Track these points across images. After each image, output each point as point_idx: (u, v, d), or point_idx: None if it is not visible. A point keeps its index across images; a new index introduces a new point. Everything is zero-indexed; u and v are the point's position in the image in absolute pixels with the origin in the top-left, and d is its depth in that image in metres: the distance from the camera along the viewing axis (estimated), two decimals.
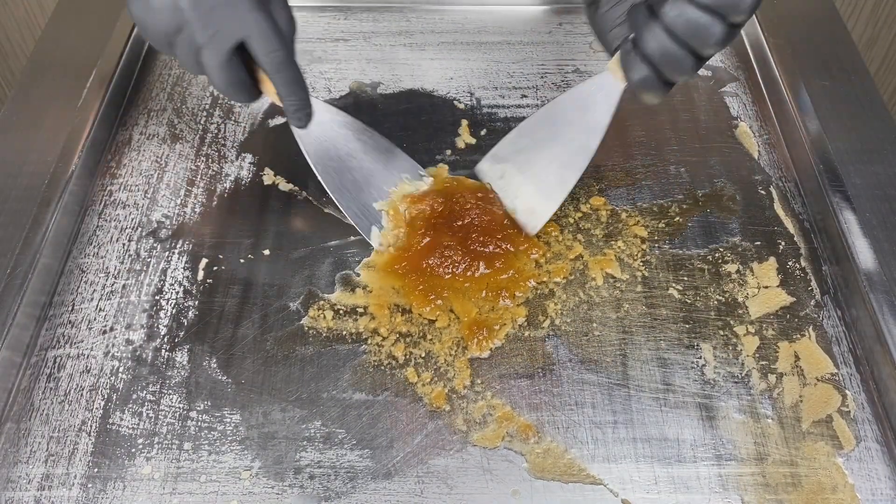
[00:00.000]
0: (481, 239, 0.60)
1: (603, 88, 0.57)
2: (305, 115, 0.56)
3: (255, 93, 0.55)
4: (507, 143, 0.64)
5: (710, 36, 0.49)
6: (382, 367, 0.56)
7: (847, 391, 0.55)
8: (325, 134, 0.61)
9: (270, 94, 0.55)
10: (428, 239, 0.60)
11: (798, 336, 0.57)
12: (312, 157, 0.60)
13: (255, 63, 0.53)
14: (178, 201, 0.65)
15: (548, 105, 0.62)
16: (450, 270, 0.59)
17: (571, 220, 0.64)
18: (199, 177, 0.67)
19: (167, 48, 0.52)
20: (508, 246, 0.60)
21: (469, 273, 0.59)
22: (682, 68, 0.51)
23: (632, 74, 0.53)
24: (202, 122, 0.72)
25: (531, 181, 0.62)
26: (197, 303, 0.59)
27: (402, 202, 0.63)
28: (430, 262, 0.60)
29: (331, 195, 0.61)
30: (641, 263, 0.61)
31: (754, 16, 0.78)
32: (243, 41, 0.50)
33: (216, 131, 0.71)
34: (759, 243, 0.63)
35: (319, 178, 0.60)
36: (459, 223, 0.61)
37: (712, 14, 0.48)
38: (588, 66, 0.77)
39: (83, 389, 0.55)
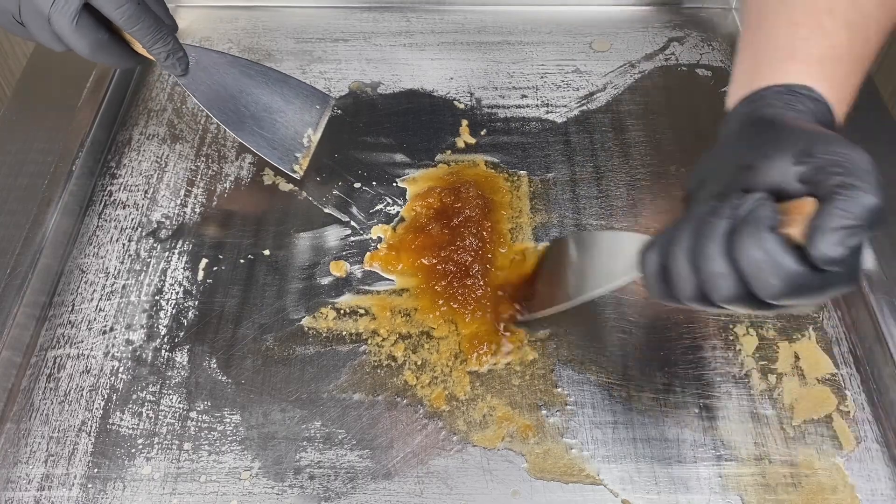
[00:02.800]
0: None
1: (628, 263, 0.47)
2: (179, 62, 0.56)
3: (129, 53, 0.54)
4: (572, 238, 0.58)
5: (722, 289, 0.38)
6: (382, 368, 0.56)
7: (847, 391, 0.55)
8: (212, 77, 0.59)
9: (142, 51, 0.55)
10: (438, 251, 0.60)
11: (798, 336, 0.57)
12: (204, 102, 0.59)
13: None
14: (178, 201, 0.65)
15: (583, 234, 0.59)
16: (462, 294, 0.58)
17: None
18: (199, 177, 0.67)
19: (19, 28, 0.51)
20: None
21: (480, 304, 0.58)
22: (690, 295, 0.40)
23: (643, 264, 0.43)
24: (202, 122, 0.72)
25: (545, 285, 0.58)
26: (197, 303, 0.59)
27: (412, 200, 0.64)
28: (444, 274, 0.59)
29: (234, 135, 0.60)
30: None
31: None
32: (87, 1, 0.49)
33: (216, 131, 0.71)
34: None
35: (217, 120, 0.59)
36: (459, 219, 0.62)
37: (735, 270, 0.38)
38: (588, 66, 0.77)
39: (83, 390, 0.55)
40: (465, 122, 0.72)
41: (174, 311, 0.59)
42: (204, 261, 0.62)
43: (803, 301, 0.37)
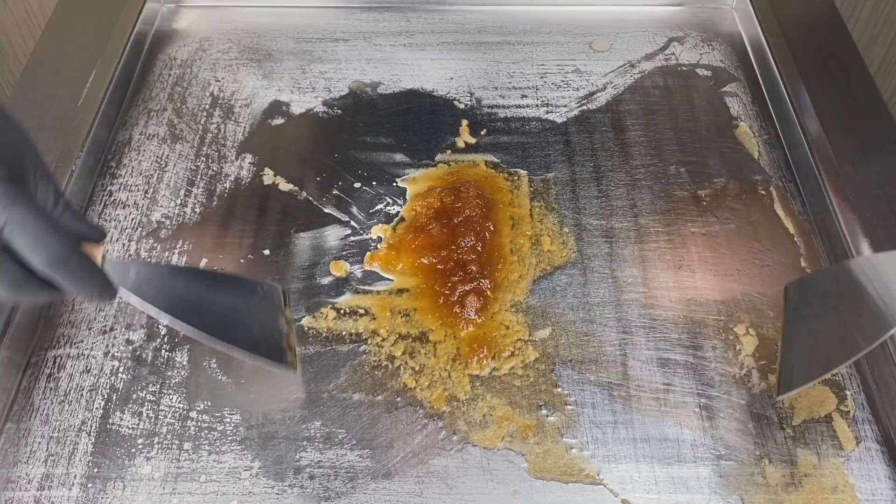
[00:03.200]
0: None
1: None
2: (107, 299, 0.44)
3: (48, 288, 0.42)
4: (821, 279, 0.53)
5: None
6: (382, 368, 0.56)
7: (847, 391, 0.55)
8: (162, 289, 0.46)
9: None
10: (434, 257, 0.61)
11: None
12: (170, 313, 0.46)
13: None
14: (178, 201, 0.65)
15: (857, 261, 0.52)
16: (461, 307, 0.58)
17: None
18: (199, 177, 0.67)
19: None
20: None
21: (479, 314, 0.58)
22: None
23: None
24: (202, 122, 0.72)
25: (803, 342, 0.50)
26: None
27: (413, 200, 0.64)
28: (444, 275, 0.59)
29: (216, 346, 0.48)
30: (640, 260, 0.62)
31: (754, 16, 0.78)
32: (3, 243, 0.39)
33: (216, 131, 0.71)
34: (758, 244, 0.63)
35: (192, 333, 0.47)
36: (459, 219, 0.62)
37: None
38: (588, 66, 0.77)
39: (83, 389, 0.55)
40: (465, 122, 0.72)
41: None
42: (204, 261, 0.62)
43: None
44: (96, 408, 0.54)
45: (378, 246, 0.62)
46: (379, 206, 0.65)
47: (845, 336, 0.47)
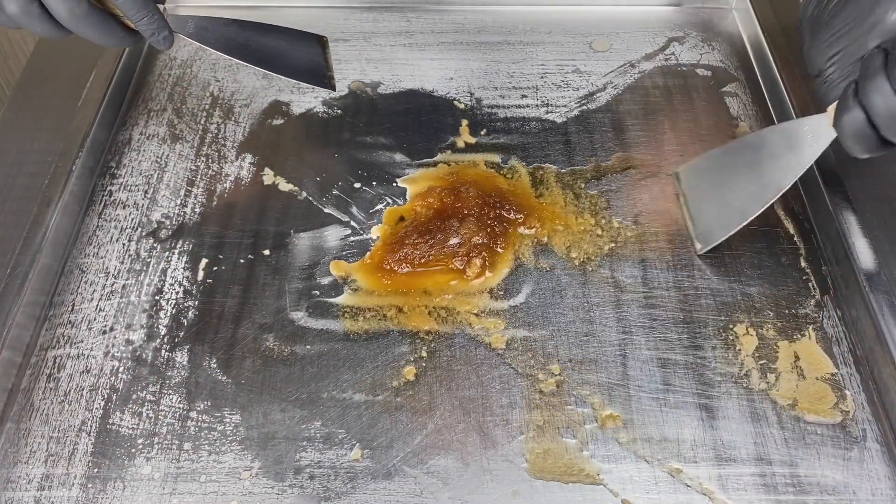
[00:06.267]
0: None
1: (814, 131, 0.55)
2: (164, 39, 0.56)
3: (112, 27, 0.54)
4: (709, 158, 0.64)
5: None
6: (382, 368, 0.56)
7: (847, 391, 0.55)
8: (216, 34, 0.60)
9: (129, 23, 0.55)
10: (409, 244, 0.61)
11: (798, 336, 0.57)
12: (223, 51, 0.60)
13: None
14: (178, 201, 0.66)
15: (757, 133, 0.61)
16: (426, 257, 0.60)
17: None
18: (199, 177, 0.67)
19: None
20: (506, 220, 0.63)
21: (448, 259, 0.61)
22: None
23: (846, 127, 0.50)
24: (202, 122, 0.72)
25: (716, 203, 0.61)
26: (197, 303, 0.59)
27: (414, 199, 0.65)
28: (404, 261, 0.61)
29: (263, 69, 0.62)
30: (640, 261, 0.62)
31: (754, 16, 0.78)
32: None
33: (216, 131, 0.71)
34: (758, 244, 0.63)
35: (243, 62, 0.61)
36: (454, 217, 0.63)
37: None
38: (588, 67, 0.77)
39: (83, 389, 0.55)
40: (465, 122, 0.72)
41: (174, 311, 0.59)
42: (204, 261, 0.62)
43: None
44: (96, 408, 0.54)
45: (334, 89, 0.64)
46: (379, 207, 0.65)
47: (745, 199, 0.58)
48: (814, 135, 0.55)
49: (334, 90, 0.64)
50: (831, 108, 0.53)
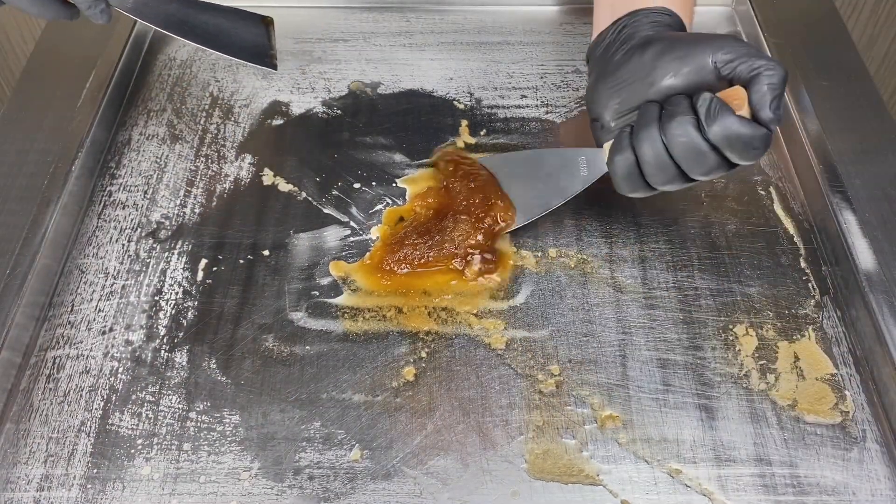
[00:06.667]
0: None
1: (590, 163, 0.60)
2: (101, 13, 0.57)
3: (54, 2, 0.55)
4: (505, 158, 0.67)
5: (704, 166, 0.51)
6: (382, 368, 0.56)
7: (847, 391, 0.55)
8: (157, 9, 0.61)
9: None
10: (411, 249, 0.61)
11: (798, 336, 0.57)
12: (162, 27, 0.60)
13: None
14: (178, 202, 0.65)
15: (538, 150, 0.67)
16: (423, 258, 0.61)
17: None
18: (198, 177, 0.67)
19: None
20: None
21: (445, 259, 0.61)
22: (668, 180, 0.53)
23: (617, 167, 0.54)
24: (202, 122, 0.72)
25: (523, 190, 0.63)
26: (196, 303, 0.59)
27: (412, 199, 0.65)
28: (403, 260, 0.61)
29: (204, 46, 0.61)
30: (639, 261, 0.61)
31: (754, 16, 0.78)
32: None
33: (216, 131, 0.71)
34: (758, 244, 0.63)
35: (183, 39, 0.61)
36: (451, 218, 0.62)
37: (715, 150, 0.50)
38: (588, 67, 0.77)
39: (82, 390, 0.55)
40: (464, 122, 0.72)
41: (173, 312, 0.59)
42: (203, 261, 0.62)
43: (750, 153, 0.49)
44: (95, 408, 0.54)
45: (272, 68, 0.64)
46: (379, 207, 0.65)
47: (547, 194, 0.62)
48: (588, 166, 0.60)
49: (276, 69, 0.64)
50: (608, 145, 0.57)
